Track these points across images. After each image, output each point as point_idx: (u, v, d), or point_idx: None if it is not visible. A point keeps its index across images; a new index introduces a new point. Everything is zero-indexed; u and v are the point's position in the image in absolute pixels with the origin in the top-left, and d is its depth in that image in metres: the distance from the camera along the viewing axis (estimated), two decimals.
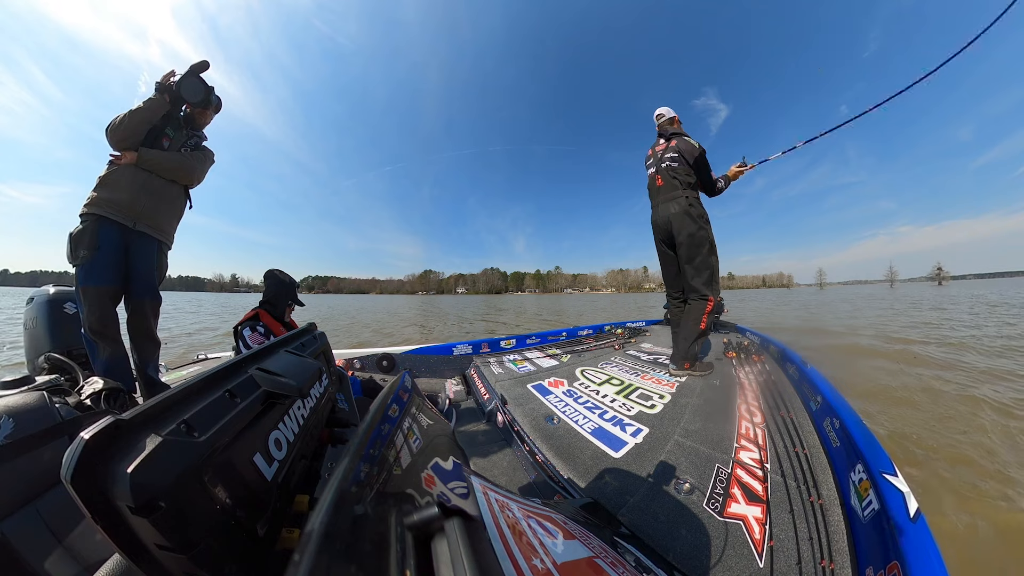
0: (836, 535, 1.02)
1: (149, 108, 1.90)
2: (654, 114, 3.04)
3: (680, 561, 0.95)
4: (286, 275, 2.30)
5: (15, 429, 0.85)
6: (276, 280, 2.25)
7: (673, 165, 2.75)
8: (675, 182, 2.73)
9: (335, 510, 0.34)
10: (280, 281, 2.25)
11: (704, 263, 2.64)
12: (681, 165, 2.74)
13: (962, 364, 5.11)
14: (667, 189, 2.76)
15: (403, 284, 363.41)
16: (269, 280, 2.26)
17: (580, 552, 0.60)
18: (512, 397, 2.24)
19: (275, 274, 2.28)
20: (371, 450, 0.54)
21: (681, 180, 2.72)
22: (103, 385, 1.26)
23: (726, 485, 1.25)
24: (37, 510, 0.80)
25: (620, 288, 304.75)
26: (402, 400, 0.87)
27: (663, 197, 2.79)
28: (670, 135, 2.87)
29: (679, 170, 2.73)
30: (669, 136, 2.86)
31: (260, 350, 0.62)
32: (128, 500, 0.29)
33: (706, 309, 2.59)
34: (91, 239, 1.79)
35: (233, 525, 0.39)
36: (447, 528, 0.35)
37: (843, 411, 1.43)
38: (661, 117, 2.99)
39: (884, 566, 0.82)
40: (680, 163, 2.75)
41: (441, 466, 0.75)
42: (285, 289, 2.26)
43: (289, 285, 2.28)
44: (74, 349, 1.99)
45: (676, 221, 2.68)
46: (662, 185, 2.79)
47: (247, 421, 0.45)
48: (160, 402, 0.38)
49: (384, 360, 3.21)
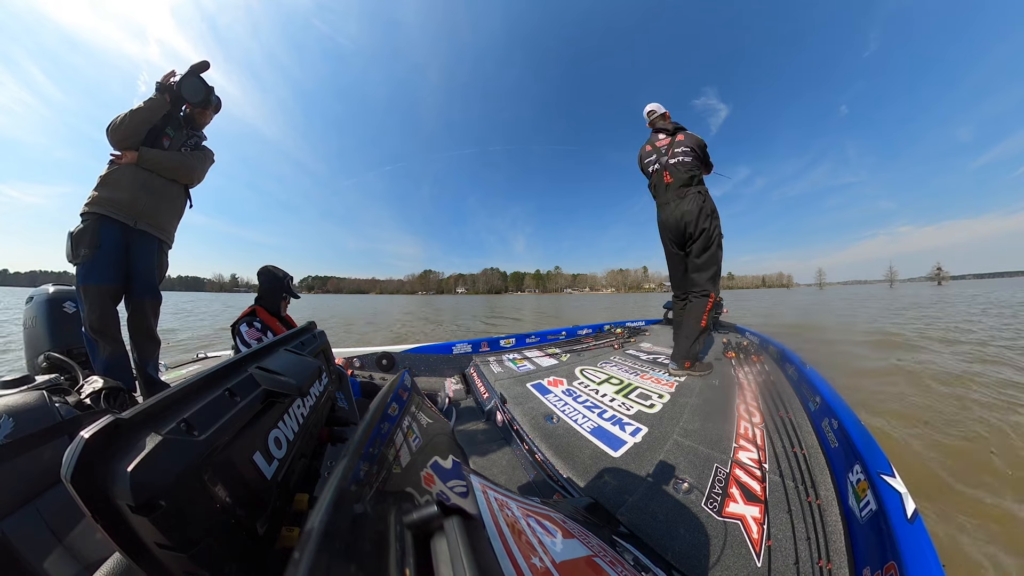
0: (834, 535, 1.02)
1: (150, 108, 1.90)
2: (645, 111, 2.99)
3: (678, 560, 0.96)
4: (279, 269, 2.30)
5: (15, 428, 0.85)
6: (269, 275, 2.25)
7: (686, 160, 2.63)
8: (686, 177, 2.61)
9: (335, 509, 0.34)
10: (273, 276, 2.26)
11: (713, 258, 2.59)
12: (693, 160, 2.64)
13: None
14: (677, 186, 2.64)
15: (403, 284, 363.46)
16: (262, 276, 2.27)
17: (579, 551, 0.60)
18: (511, 396, 2.24)
19: (268, 269, 2.28)
20: (371, 449, 0.54)
21: (694, 176, 2.62)
22: (103, 384, 1.26)
23: (725, 485, 1.25)
24: (37, 509, 0.80)
25: (620, 288, 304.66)
26: (401, 399, 0.88)
27: (674, 194, 2.66)
28: (674, 129, 2.77)
29: (691, 164, 2.62)
30: (673, 131, 2.77)
31: (260, 349, 0.62)
32: (128, 499, 0.29)
33: (707, 306, 2.55)
34: (92, 238, 1.80)
35: (233, 524, 0.39)
36: (446, 527, 0.35)
37: (841, 412, 1.44)
38: (653, 113, 2.92)
39: (881, 566, 0.82)
40: (692, 157, 2.64)
41: (440, 465, 0.75)
42: (279, 283, 2.26)
43: (282, 279, 2.28)
44: (74, 348, 1.99)
45: (691, 218, 2.57)
46: (671, 182, 2.66)
47: (247, 420, 0.45)
48: (160, 401, 0.38)
49: (383, 359, 3.22)
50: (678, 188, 2.64)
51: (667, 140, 2.75)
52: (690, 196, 2.60)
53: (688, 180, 2.63)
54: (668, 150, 2.70)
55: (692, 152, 2.65)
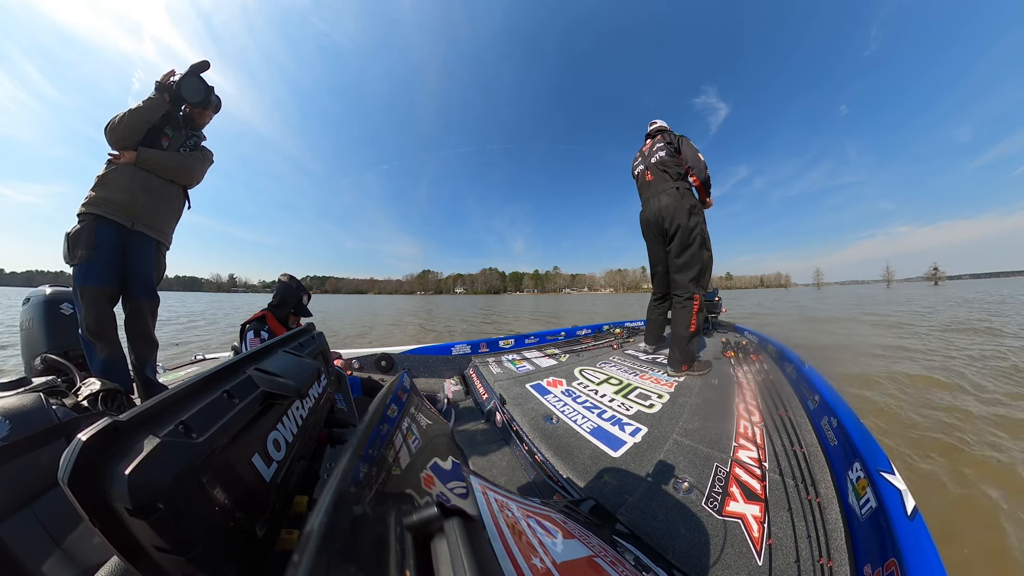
0: (834, 533, 1.02)
1: (149, 107, 1.89)
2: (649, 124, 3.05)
3: (679, 560, 0.96)
4: (295, 282, 2.29)
5: (11, 431, 0.84)
6: (287, 287, 2.27)
7: (662, 155, 2.69)
8: (665, 174, 2.64)
9: (334, 511, 0.34)
10: (290, 288, 2.26)
11: (695, 257, 2.52)
12: (670, 155, 2.67)
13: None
14: (658, 183, 2.67)
15: (401, 284, 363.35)
16: (281, 285, 2.29)
17: (579, 551, 0.60)
18: (511, 397, 2.24)
19: (288, 281, 2.30)
20: (370, 450, 0.54)
21: (672, 172, 2.63)
22: (100, 386, 1.25)
23: (725, 484, 1.25)
24: (34, 513, 0.79)
25: (618, 288, 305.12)
26: (401, 400, 0.87)
27: (653, 191, 2.70)
28: (657, 131, 2.87)
29: (668, 161, 2.66)
30: (655, 132, 2.88)
31: (258, 350, 0.62)
32: (126, 502, 0.29)
33: (693, 311, 2.47)
34: (89, 239, 1.78)
35: (232, 526, 0.39)
36: (446, 528, 0.35)
37: (841, 410, 1.44)
38: (654, 124, 2.99)
39: (882, 563, 0.83)
40: (668, 152, 2.68)
41: (440, 466, 0.75)
42: (294, 297, 2.26)
43: (297, 293, 2.27)
44: (71, 350, 1.98)
45: (667, 213, 2.57)
46: (652, 180, 2.71)
47: (245, 422, 0.45)
48: (158, 403, 0.38)
49: (383, 360, 3.21)
50: (658, 184, 2.68)
51: (649, 144, 2.87)
52: (668, 191, 2.61)
53: (666, 177, 2.65)
54: (650, 151, 2.80)
55: (667, 147, 2.69)
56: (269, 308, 2.21)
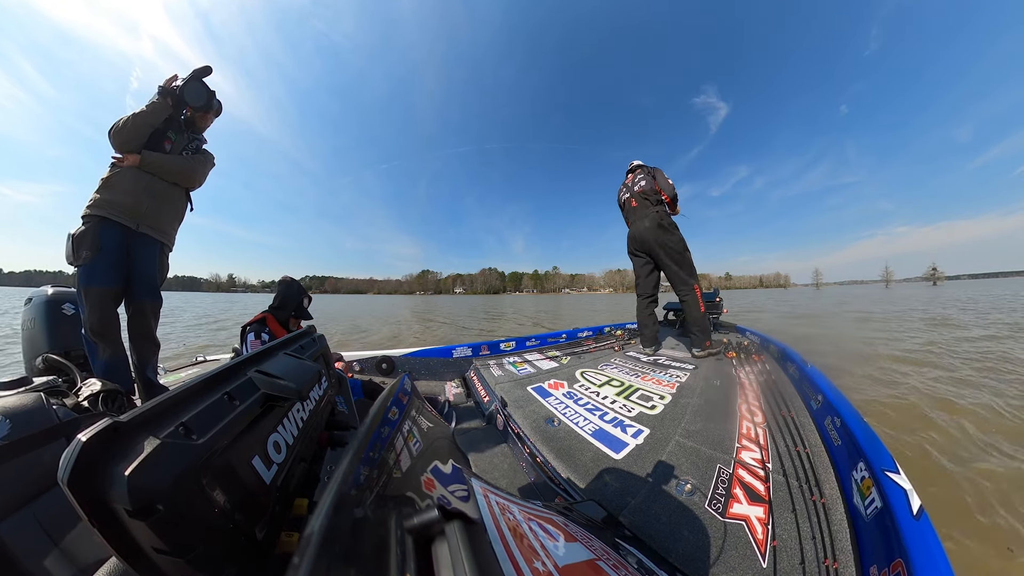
0: (839, 534, 1.02)
1: (152, 111, 1.91)
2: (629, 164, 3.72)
3: (682, 562, 0.95)
4: (295, 284, 2.29)
5: (11, 430, 0.84)
6: (288, 288, 2.26)
7: (643, 184, 3.34)
8: (646, 201, 3.31)
9: (334, 513, 0.34)
10: (291, 289, 2.26)
11: (683, 260, 3.20)
12: (648, 184, 3.32)
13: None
14: (641, 208, 3.33)
15: (401, 284, 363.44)
16: (282, 287, 2.29)
17: (582, 554, 0.59)
18: (512, 399, 2.23)
19: (289, 283, 2.29)
20: (371, 453, 0.53)
21: (651, 199, 3.30)
22: (101, 387, 1.26)
23: (728, 485, 1.24)
24: (34, 513, 0.79)
25: (618, 288, 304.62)
26: (402, 403, 0.87)
27: (637, 215, 3.36)
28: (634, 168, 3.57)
29: (648, 190, 3.31)
30: (633, 169, 3.58)
31: (259, 352, 0.62)
32: (125, 503, 0.29)
33: (698, 296, 3.13)
34: (94, 240, 1.79)
35: (231, 528, 0.38)
36: (447, 531, 0.35)
37: (844, 410, 1.43)
38: (633, 163, 3.65)
39: (888, 564, 0.82)
40: (647, 181, 3.33)
41: (441, 469, 0.74)
42: (294, 300, 2.26)
43: (298, 295, 2.27)
44: (72, 350, 1.99)
45: (651, 235, 3.23)
46: (636, 206, 3.37)
47: (246, 424, 0.45)
48: (158, 404, 0.38)
49: (383, 363, 3.21)
50: (641, 210, 3.33)
51: (631, 177, 3.52)
52: (650, 215, 3.26)
53: (647, 204, 3.29)
54: (633, 182, 3.45)
55: (647, 179, 3.34)
56: (270, 310, 2.21)
